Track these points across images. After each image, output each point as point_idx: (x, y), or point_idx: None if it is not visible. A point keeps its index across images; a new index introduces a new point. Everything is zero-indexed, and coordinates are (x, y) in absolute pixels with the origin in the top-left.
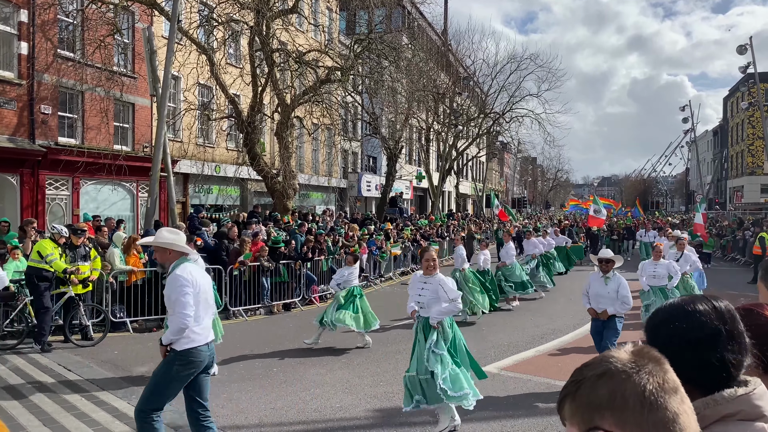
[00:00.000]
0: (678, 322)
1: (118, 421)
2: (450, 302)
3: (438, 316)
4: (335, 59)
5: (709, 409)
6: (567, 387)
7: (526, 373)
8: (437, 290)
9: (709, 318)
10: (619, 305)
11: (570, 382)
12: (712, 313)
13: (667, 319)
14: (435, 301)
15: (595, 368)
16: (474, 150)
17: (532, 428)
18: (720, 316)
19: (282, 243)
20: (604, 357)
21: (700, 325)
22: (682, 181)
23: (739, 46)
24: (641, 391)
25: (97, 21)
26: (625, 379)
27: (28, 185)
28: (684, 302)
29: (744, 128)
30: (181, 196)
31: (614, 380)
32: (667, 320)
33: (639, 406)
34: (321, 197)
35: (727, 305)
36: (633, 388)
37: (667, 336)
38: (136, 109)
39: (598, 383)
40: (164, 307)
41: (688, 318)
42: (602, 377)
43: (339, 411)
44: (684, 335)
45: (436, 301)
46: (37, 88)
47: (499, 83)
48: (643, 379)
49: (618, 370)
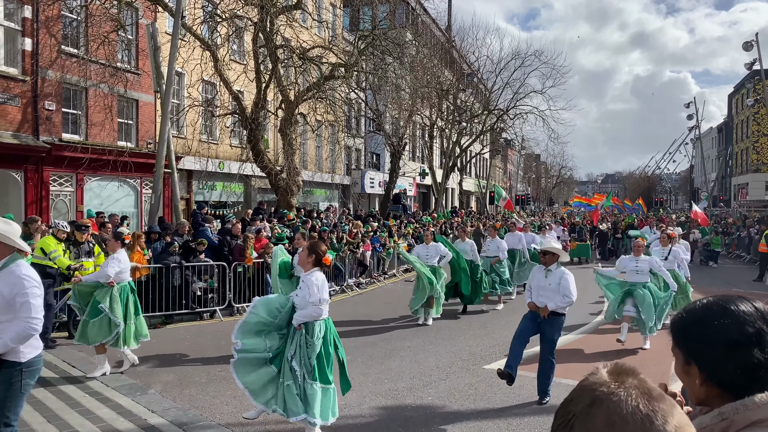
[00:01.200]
0: (721, 321)
1: (123, 418)
2: (311, 306)
3: (300, 318)
4: (339, 55)
5: (739, 414)
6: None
7: (531, 371)
8: (305, 291)
9: (752, 318)
10: (560, 299)
11: (559, 425)
12: (755, 313)
13: (705, 318)
14: (304, 303)
15: (582, 400)
16: (477, 147)
17: (536, 426)
18: (762, 316)
19: (286, 239)
20: (583, 387)
21: (745, 324)
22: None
23: (745, 43)
24: (636, 406)
25: (101, 17)
26: (617, 401)
27: (32, 181)
28: (724, 301)
29: (749, 125)
30: (185, 193)
31: (606, 405)
32: (705, 319)
33: (640, 422)
34: (324, 194)
35: (765, 305)
36: (627, 407)
37: (707, 336)
38: (140, 105)
39: (590, 413)
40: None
41: (731, 317)
42: (593, 406)
43: (343, 408)
44: (728, 335)
45: (305, 303)
46: (41, 85)
47: (503, 80)
48: (632, 395)
49: (606, 394)
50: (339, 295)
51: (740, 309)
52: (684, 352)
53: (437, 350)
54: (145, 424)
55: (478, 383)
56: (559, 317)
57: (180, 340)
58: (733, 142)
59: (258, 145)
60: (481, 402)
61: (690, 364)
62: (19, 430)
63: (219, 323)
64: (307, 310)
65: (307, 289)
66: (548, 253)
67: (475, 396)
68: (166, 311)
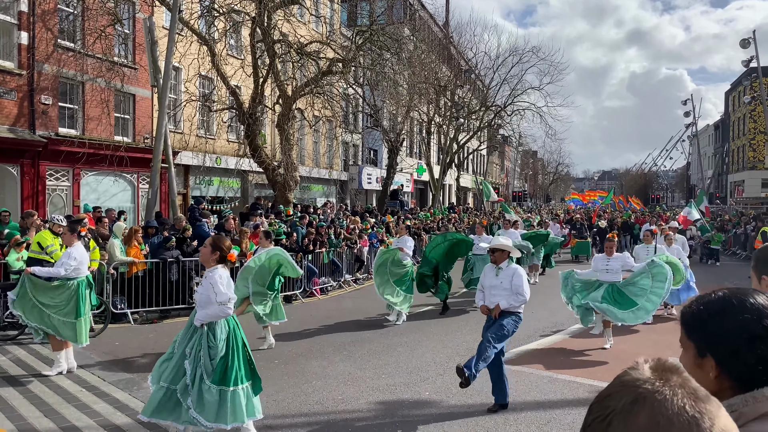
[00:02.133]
0: (741, 315)
1: (120, 412)
2: (218, 305)
3: (203, 318)
4: (337, 51)
5: (748, 406)
6: (593, 426)
7: (529, 367)
8: (208, 288)
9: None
10: (513, 298)
11: (595, 420)
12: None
13: (724, 310)
14: (207, 302)
15: (623, 396)
16: (475, 143)
17: (535, 421)
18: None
19: (283, 235)
20: (624, 382)
21: (762, 317)
22: (683, 175)
23: (743, 40)
24: (682, 407)
25: (98, 11)
26: (662, 400)
27: (29, 176)
28: (741, 294)
29: (746, 122)
30: (182, 188)
31: (650, 404)
32: (724, 312)
33: (686, 424)
34: (322, 190)
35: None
36: (673, 407)
37: (726, 329)
38: (137, 100)
39: (632, 412)
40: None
41: (752, 310)
42: (635, 404)
43: (341, 403)
44: (749, 328)
45: (208, 302)
46: (38, 79)
47: (500, 76)
48: (678, 394)
49: (650, 392)
50: (336, 291)
51: (758, 302)
52: (698, 345)
53: (434, 345)
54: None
55: (476, 379)
56: (514, 314)
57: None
58: (729, 140)
59: (255, 141)
60: (478, 397)
61: (705, 356)
62: None
63: None
64: (212, 309)
65: (212, 288)
66: (497, 251)
67: (472, 391)
68: (164, 306)
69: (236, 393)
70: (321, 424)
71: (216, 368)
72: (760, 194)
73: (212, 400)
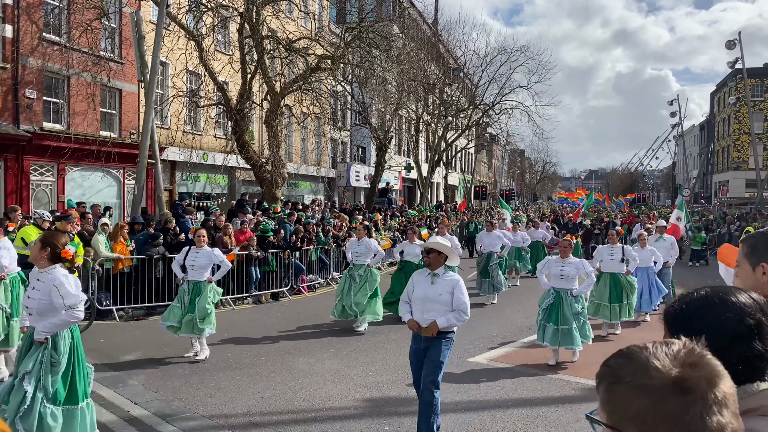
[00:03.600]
0: (722, 313)
1: (105, 409)
2: (66, 310)
3: (48, 330)
4: (326, 47)
5: None
6: (604, 375)
7: (516, 364)
8: (50, 292)
9: (752, 309)
10: (454, 315)
11: (608, 373)
12: (754, 305)
13: (706, 309)
14: (49, 309)
15: (633, 375)
16: (463, 141)
17: (521, 419)
18: (760, 308)
19: (270, 232)
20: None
21: (746, 315)
22: (668, 175)
23: (728, 41)
24: (677, 417)
25: (84, 4)
26: (661, 400)
27: (12, 171)
28: (722, 292)
29: (730, 123)
30: (169, 184)
31: (648, 400)
32: (706, 311)
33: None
34: (310, 187)
35: (760, 296)
36: (668, 413)
37: (708, 327)
38: (124, 95)
39: (631, 395)
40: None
41: (733, 308)
42: (637, 390)
43: (328, 401)
44: (730, 327)
45: (50, 309)
46: (22, 72)
47: (489, 75)
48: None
49: (655, 388)
50: (324, 288)
51: (740, 300)
52: None
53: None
54: (127, 416)
55: (463, 376)
56: (447, 337)
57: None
58: (714, 140)
59: (243, 137)
60: (465, 394)
61: None
62: None
63: None
64: (58, 317)
65: (56, 291)
66: (432, 252)
67: (459, 388)
68: (149, 303)
69: (83, 410)
70: (308, 421)
71: (58, 387)
72: (744, 194)
73: (55, 425)
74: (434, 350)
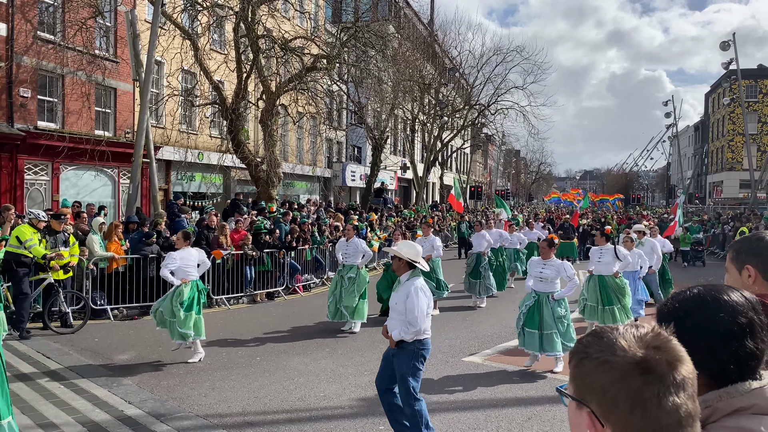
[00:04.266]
0: (715, 312)
1: (99, 409)
2: None
3: None
4: (321, 47)
5: (723, 401)
6: (575, 351)
7: (510, 364)
8: None
9: (744, 308)
10: (403, 328)
11: (578, 349)
12: (746, 303)
13: (699, 308)
14: None
15: (600, 352)
16: (459, 142)
17: (516, 418)
18: (752, 306)
19: (265, 230)
20: (609, 344)
21: (739, 314)
22: (663, 175)
23: (723, 43)
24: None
25: (79, 3)
26: (623, 377)
27: (6, 170)
28: (715, 291)
29: (725, 124)
30: (164, 183)
31: (611, 376)
32: (699, 310)
33: (627, 411)
34: (305, 186)
35: (752, 295)
36: (628, 391)
37: (701, 327)
38: (118, 94)
39: (596, 371)
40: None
41: (725, 307)
42: (602, 366)
43: (323, 400)
44: (722, 326)
45: None
46: (16, 71)
47: (484, 75)
48: (647, 382)
49: (619, 365)
50: (319, 288)
51: (732, 299)
52: None
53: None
54: (121, 415)
55: (458, 375)
56: (410, 346)
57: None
58: (709, 141)
59: (238, 136)
60: (460, 394)
61: None
62: None
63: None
64: None
65: None
66: (394, 258)
67: (454, 388)
68: (144, 302)
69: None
70: (303, 420)
71: None
72: (738, 195)
73: None
74: (397, 362)
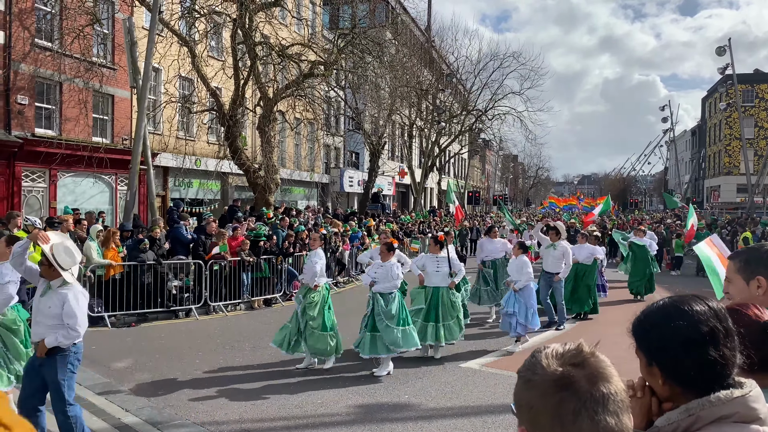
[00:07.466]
0: (676, 322)
1: (96, 416)
2: None
3: None
4: (318, 53)
5: (705, 410)
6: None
7: (508, 370)
8: None
9: (706, 316)
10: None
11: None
12: (709, 312)
13: (663, 321)
14: None
15: (526, 371)
16: (456, 147)
17: (513, 424)
18: (715, 314)
19: (264, 237)
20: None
21: (699, 323)
22: (660, 180)
23: (718, 48)
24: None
25: (76, 10)
26: (543, 394)
27: (4, 177)
28: (678, 302)
29: (721, 129)
30: (161, 190)
31: (533, 394)
32: (663, 322)
33: (549, 428)
34: (303, 192)
35: (718, 304)
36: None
37: (665, 337)
38: (116, 101)
39: (522, 389)
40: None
41: (686, 317)
42: (526, 384)
43: (320, 406)
44: (684, 334)
45: None
46: (14, 78)
47: (481, 80)
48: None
49: (537, 384)
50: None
51: (694, 308)
52: (646, 354)
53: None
54: (118, 423)
55: (455, 382)
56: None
57: (155, 339)
58: (706, 145)
59: (236, 143)
60: (457, 400)
61: (651, 365)
62: None
63: (194, 322)
64: None
65: None
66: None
67: (451, 394)
68: (141, 310)
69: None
70: (300, 427)
71: None
72: (735, 199)
73: None
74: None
